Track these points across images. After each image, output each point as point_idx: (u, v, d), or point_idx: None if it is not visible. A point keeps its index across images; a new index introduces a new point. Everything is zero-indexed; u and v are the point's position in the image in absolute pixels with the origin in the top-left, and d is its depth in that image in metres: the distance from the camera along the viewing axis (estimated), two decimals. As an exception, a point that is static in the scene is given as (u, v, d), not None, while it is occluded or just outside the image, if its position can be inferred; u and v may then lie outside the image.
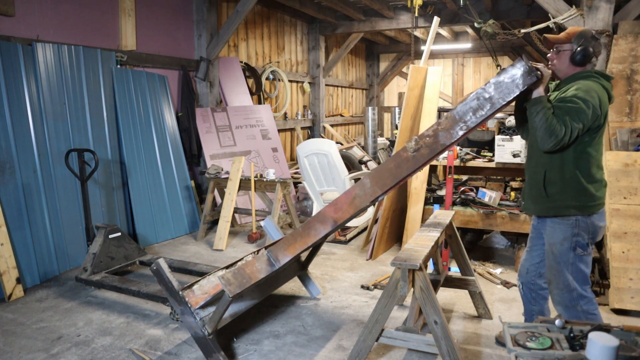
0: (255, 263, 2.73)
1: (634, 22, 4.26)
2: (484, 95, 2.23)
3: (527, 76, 2.16)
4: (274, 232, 3.61)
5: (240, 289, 2.59)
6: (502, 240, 5.17)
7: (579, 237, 2.39)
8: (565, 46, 2.41)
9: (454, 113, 2.28)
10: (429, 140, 2.34)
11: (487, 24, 5.63)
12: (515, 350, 1.57)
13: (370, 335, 2.55)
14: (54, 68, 4.37)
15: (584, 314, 2.43)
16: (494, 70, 10.37)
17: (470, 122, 2.26)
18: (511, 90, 2.19)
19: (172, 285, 2.71)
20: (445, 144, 2.33)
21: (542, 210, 2.49)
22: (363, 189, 2.50)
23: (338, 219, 2.60)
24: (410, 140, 2.37)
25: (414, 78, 4.62)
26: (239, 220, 6.00)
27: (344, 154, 7.16)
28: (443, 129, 2.31)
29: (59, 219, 4.27)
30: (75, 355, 2.88)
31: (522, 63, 2.16)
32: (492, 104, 2.22)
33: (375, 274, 4.22)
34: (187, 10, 6.03)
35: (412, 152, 2.37)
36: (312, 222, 2.66)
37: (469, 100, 2.25)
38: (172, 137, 5.58)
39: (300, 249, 2.72)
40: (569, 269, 2.42)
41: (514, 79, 2.18)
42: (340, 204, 2.57)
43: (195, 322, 2.70)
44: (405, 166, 2.40)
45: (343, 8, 7.54)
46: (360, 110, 12.07)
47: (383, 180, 2.46)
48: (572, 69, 2.42)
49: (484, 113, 2.24)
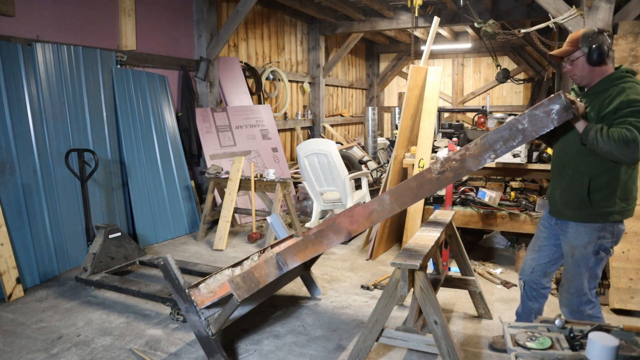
0: (264, 266, 2.73)
1: (634, 22, 4.26)
2: (517, 126, 2.17)
3: (563, 112, 2.11)
4: (280, 229, 3.59)
5: (248, 294, 2.61)
6: (502, 240, 5.17)
7: (604, 240, 2.34)
8: (576, 54, 2.34)
9: (484, 140, 2.23)
10: (455, 164, 2.30)
11: (487, 24, 5.64)
12: (515, 350, 1.57)
13: (370, 335, 2.55)
14: (54, 68, 4.37)
15: (589, 318, 2.41)
16: (494, 70, 10.37)
17: (499, 151, 2.23)
18: (546, 124, 2.14)
19: (178, 282, 2.71)
20: (471, 170, 2.29)
21: (582, 217, 2.38)
22: (382, 204, 2.48)
23: (353, 230, 2.58)
24: (436, 162, 2.33)
25: (414, 78, 4.62)
26: (239, 220, 6.00)
27: (344, 154, 7.17)
28: (471, 155, 2.27)
29: (59, 219, 4.27)
30: (75, 355, 2.88)
31: (561, 100, 2.10)
32: (524, 136, 2.18)
33: (375, 274, 4.22)
34: (187, 10, 6.03)
35: (437, 174, 2.33)
36: (326, 231, 2.63)
37: (501, 129, 2.20)
38: (172, 137, 5.58)
39: (311, 255, 2.72)
40: (587, 273, 2.39)
41: (550, 114, 2.12)
42: (356, 216, 2.54)
43: (200, 321, 2.70)
44: (427, 187, 2.38)
45: (343, 8, 7.54)
46: (360, 110, 12.08)
47: (403, 199, 2.43)
48: (594, 71, 2.34)
49: (514, 144, 2.20)
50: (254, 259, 3.25)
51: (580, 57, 2.33)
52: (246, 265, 3.17)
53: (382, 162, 9.22)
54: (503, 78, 9.07)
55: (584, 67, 2.34)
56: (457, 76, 12.10)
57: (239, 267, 3.13)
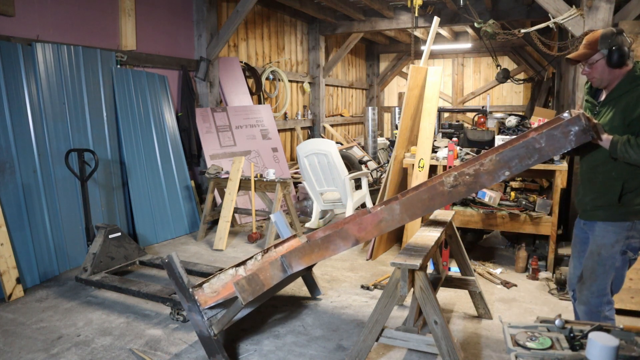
0: (268, 269, 2.73)
1: (634, 22, 4.26)
2: (534, 145, 2.16)
3: (582, 135, 2.09)
4: (284, 228, 3.58)
5: (253, 296, 2.62)
6: (502, 240, 5.17)
7: (632, 239, 2.31)
8: (595, 56, 2.28)
9: (500, 157, 2.22)
10: (469, 179, 2.30)
11: (487, 24, 5.64)
12: (515, 350, 1.57)
13: (370, 335, 2.55)
14: (54, 68, 4.37)
15: (605, 319, 2.37)
16: (494, 70, 10.37)
17: (514, 168, 2.22)
18: (563, 145, 2.13)
19: (182, 281, 2.71)
20: (485, 185, 2.30)
21: (612, 216, 2.35)
22: (391, 214, 2.47)
23: (360, 238, 2.58)
24: (449, 175, 2.32)
25: (414, 78, 4.62)
26: (239, 220, 6.00)
27: (344, 154, 7.17)
28: (486, 170, 2.26)
29: (59, 219, 4.27)
30: (75, 355, 2.88)
31: (581, 122, 2.07)
32: (540, 155, 2.17)
33: (375, 274, 4.22)
34: (187, 10, 6.03)
35: (449, 187, 2.33)
36: (333, 236, 2.63)
37: (518, 146, 2.19)
38: (172, 137, 5.58)
39: (316, 260, 2.72)
40: (611, 273, 2.35)
41: (569, 136, 2.10)
42: (365, 224, 2.54)
43: (202, 321, 2.70)
44: (438, 200, 2.38)
45: (343, 8, 7.54)
46: (360, 110, 12.08)
47: (413, 210, 2.43)
48: (613, 73, 2.28)
49: (530, 162, 2.19)
50: (257, 259, 3.25)
51: (599, 59, 2.27)
52: (250, 264, 3.17)
53: (382, 162, 9.22)
54: (503, 78, 9.07)
55: (603, 69, 2.29)
56: (457, 76, 12.10)
57: (243, 266, 3.13)
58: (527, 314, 3.41)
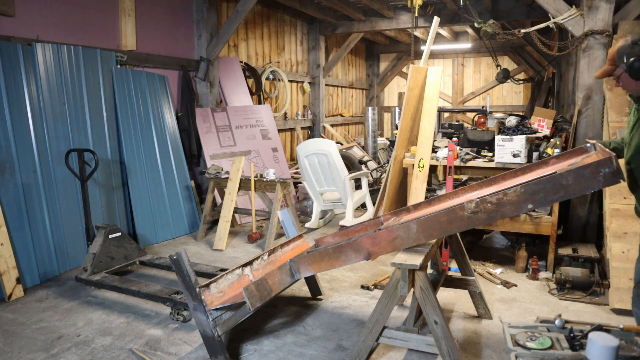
0: (277, 274, 2.74)
1: (634, 22, 4.26)
2: (561, 181, 2.12)
3: (611, 177, 2.05)
4: (290, 227, 3.58)
5: (261, 302, 2.63)
6: (502, 240, 5.17)
7: None
8: (617, 71, 2.30)
9: (525, 189, 2.19)
10: (490, 207, 2.28)
11: (487, 24, 5.64)
12: (515, 350, 1.58)
13: (371, 335, 2.55)
14: (54, 68, 4.37)
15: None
16: (494, 70, 10.37)
17: (538, 202, 2.19)
18: (591, 185, 2.09)
19: (189, 279, 2.71)
20: (506, 215, 2.27)
21: None
22: (407, 232, 2.46)
23: (373, 252, 2.56)
24: (471, 201, 2.30)
25: (414, 78, 4.62)
26: (239, 220, 6.00)
27: (344, 154, 7.16)
28: (509, 201, 2.24)
29: (59, 219, 4.27)
30: (75, 355, 2.88)
31: (612, 165, 2.03)
32: (566, 192, 2.14)
33: (375, 274, 4.22)
34: (187, 10, 6.03)
35: (470, 213, 2.31)
36: (345, 248, 2.61)
37: (544, 181, 2.16)
38: (172, 137, 5.58)
39: (325, 269, 2.72)
40: None
41: (598, 177, 2.05)
42: (379, 239, 2.53)
43: (207, 321, 2.70)
44: (457, 224, 2.36)
45: (343, 8, 7.54)
46: (360, 110, 12.08)
47: (430, 231, 2.42)
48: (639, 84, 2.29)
49: (554, 198, 2.16)
50: (263, 259, 3.25)
51: (622, 73, 2.29)
52: (256, 265, 3.18)
53: (382, 162, 9.22)
54: (503, 78, 9.07)
55: (629, 81, 2.29)
56: (457, 76, 12.10)
57: (249, 266, 3.13)
58: (527, 314, 3.41)
